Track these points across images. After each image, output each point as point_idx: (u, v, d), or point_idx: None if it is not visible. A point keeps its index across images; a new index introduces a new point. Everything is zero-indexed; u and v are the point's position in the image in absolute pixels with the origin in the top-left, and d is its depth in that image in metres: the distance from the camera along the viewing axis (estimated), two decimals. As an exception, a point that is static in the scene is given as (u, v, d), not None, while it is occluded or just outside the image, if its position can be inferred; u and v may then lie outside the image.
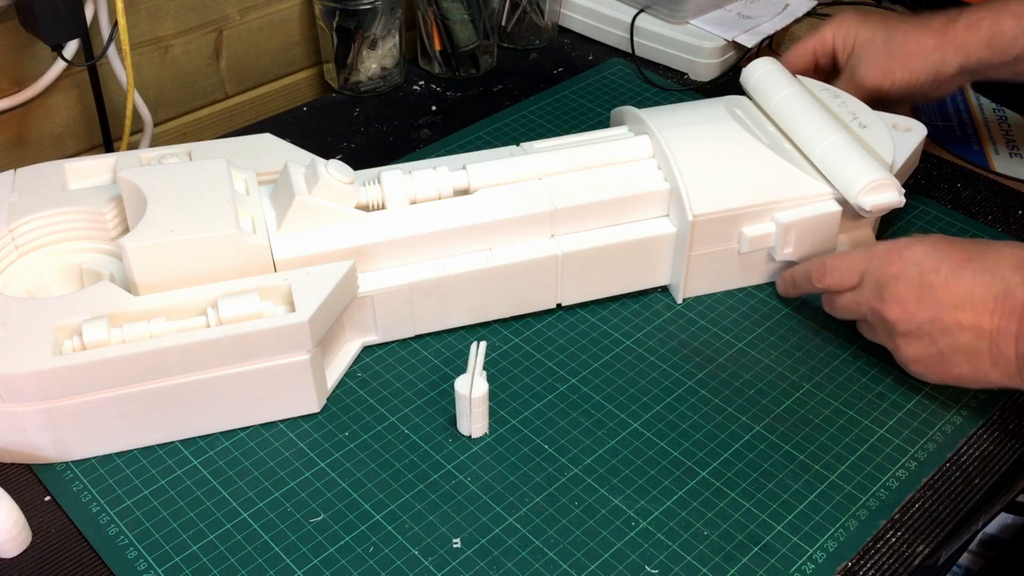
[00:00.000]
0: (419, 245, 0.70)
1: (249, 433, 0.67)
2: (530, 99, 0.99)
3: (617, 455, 0.65)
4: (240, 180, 0.71)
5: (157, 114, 0.94)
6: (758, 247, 0.74)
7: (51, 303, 0.64)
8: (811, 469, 0.64)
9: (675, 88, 1.00)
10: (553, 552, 0.60)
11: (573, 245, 0.73)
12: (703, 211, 0.72)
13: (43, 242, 0.71)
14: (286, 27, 1.01)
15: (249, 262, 0.66)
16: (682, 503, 0.62)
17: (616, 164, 0.75)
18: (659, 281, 0.77)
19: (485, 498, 0.63)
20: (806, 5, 1.08)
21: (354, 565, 0.59)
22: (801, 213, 0.73)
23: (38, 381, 0.60)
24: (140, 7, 0.89)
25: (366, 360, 0.72)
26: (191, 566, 0.59)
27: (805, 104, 0.78)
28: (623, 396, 0.69)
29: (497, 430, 0.67)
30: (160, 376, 0.62)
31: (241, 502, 0.62)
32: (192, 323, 0.64)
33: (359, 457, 0.65)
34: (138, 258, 0.64)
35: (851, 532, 0.61)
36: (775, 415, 0.68)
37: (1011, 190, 0.88)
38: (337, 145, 0.94)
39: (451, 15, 1.00)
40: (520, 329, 0.74)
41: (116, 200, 0.71)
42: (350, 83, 1.00)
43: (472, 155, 0.76)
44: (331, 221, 0.69)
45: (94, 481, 0.63)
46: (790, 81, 0.81)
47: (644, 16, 1.04)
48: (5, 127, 0.86)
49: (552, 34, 1.09)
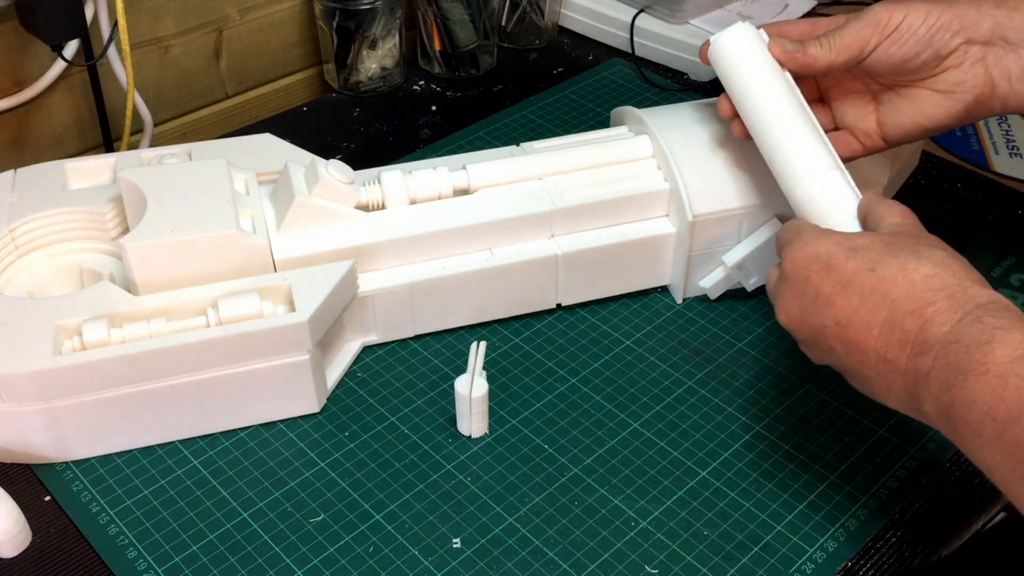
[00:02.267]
0: (419, 245, 0.70)
1: (249, 433, 0.67)
2: (530, 99, 0.99)
3: (617, 455, 0.65)
4: (240, 180, 0.71)
5: (157, 114, 0.94)
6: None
7: (51, 303, 0.64)
8: (811, 469, 0.64)
9: (675, 88, 1.00)
10: (553, 552, 0.60)
11: (573, 245, 0.73)
12: (703, 211, 0.72)
13: (43, 242, 0.71)
14: (286, 27, 1.01)
15: (249, 262, 0.66)
16: (682, 503, 0.62)
17: (616, 164, 0.75)
18: (659, 281, 0.77)
19: (485, 498, 0.63)
20: (806, 5, 1.08)
21: (354, 565, 0.59)
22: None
23: (38, 381, 0.60)
24: (140, 7, 0.89)
25: (366, 360, 0.72)
26: (191, 566, 0.59)
27: (788, 117, 0.65)
28: (623, 396, 0.69)
29: (497, 430, 0.67)
30: (160, 376, 0.62)
31: (241, 502, 0.62)
32: (192, 323, 0.64)
33: (359, 457, 0.65)
34: (138, 258, 0.64)
35: (851, 532, 0.61)
36: (775, 415, 0.68)
37: (1011, 190, 0.88)
38: (337, 145, 0.94)
39: (451, 15, 1.00)
40: (520, 329, 0.74)
41: (116, 200, 0.71)
42: (350, 83, 1.00)
43: (472, 155, 0.76)
44: (331, 221, 0.69)
45: (94, 481, 0.63)
46: (769, 73, 0.67)
47: (644, 16, 1.04)
48: (5, 127, 0.86)
49: (552, 34, 1.09)
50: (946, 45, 0.64)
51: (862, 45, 0.65)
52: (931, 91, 0.66)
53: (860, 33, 0.65)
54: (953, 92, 0.65)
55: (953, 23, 0.64)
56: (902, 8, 0.64)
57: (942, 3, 0.64)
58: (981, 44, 0.64)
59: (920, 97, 0.67)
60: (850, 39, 0.65)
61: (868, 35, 0.64)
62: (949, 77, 0.65)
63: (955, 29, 0.64)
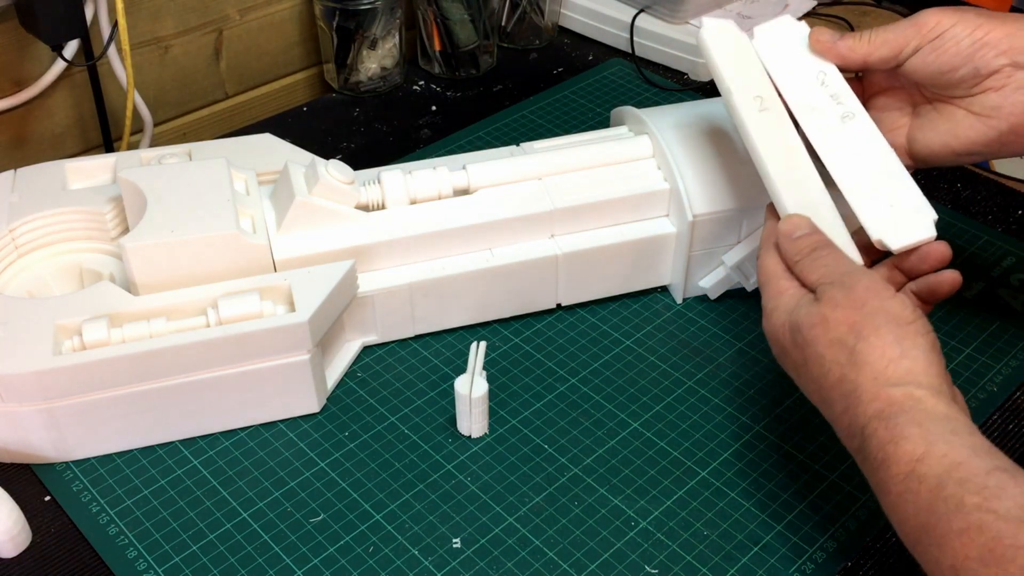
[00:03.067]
0: (419, 245, 0.70)
1: (249, 433, 0.67)
2: (530, 99, 0.99)
3: (617, 455, 0.65)
4: (240, 180, 0.71)
5: (157, 114, 0.94)
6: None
7: (51, 303, 0.64)
8: (811, 469, 0.64)
9: (675, 88, 1.00)
10: (553, 552, 0.60)
11: (573, 245, 0.73)
12: (703, 211, 0.72)
13: (43, 242, 0.71)
14: (286, 27, 1.01)
15: (249, 262, 0.66)
16: (682, 503, 0.62)
17: (616, 164, 0.75)
18: (659, 281, 0.77)
19: (485, 498, 0.63)
20: (806, 5, 1.08)
21: (354, 565, 0.59)
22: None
23: (38, 381, 0.60)
24: (140, 7, 0.89)
25: (366, 360, 0.72)
26: (191, 566, 0.59)
27: (782, 137, 0.65)
28: (623, 396, 0.69)
29: (497, 430, 0.67)
30: (160, 376, 0.62)
31: (241, 502, 0.62)
32: (192, 323, 0.64)
33: (359, 457, 0.65)
34: (138, 258, 0.64)
35: (851, 532, 0.61)
36: (775, 415, 0.68)
37: (1011, 190, 0.88)
38: (337, 145, 0.94)
39: (451, 15, 1.00)
40: (520, 329, 0.74)
41: (116, 200, 0.71)
42: (350, 83, 1.00)
43: (472, 155, 0.76)
44: (331, 221, 0.69)
45: (94, 481, 0.63)
46: (757, 78, 0.66)
47: (644, 16, 1.04)
48: (5, 127, 0.86)
49: (552, 34, 1.09)
50: (988, 64, 0.61)
51: (901, 45, 0.62)
52: (967, 111, 0.63)
53: (903, 32, 0.62)
54: (989, 116, 0.62)
55: (1002, 42, 0.60)
56: (953, 16, 0.61)
57: (997, 19, 0.61)
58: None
59: (955, 116, 0.63)
60: (891, 36, 0.62)
61: (910, 36, 0.62)
62: (987, 100, 0.62)
63: (1002, 48, 0.60)
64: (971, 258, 0.80)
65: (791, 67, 0.66)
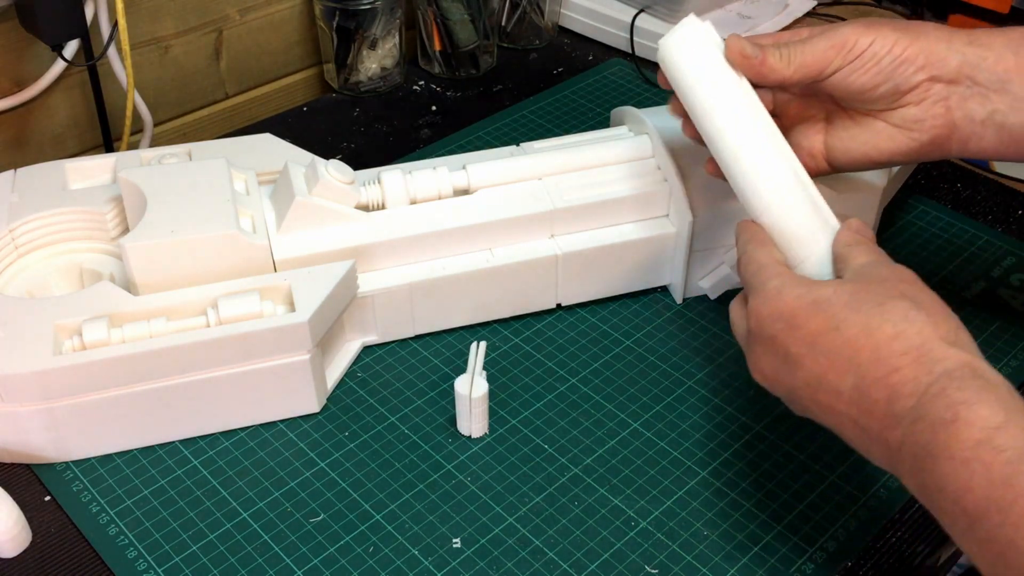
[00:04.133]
0: (419, 245, 0.70)
1: (249, 433, 0.67)
2: (530, 99, 0.99)
3: (617, 455, 0.65)
4: (240, 180, 0.71)
5: (157, 114, 0.94)
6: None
7: (51, 303, 0.64)
8: (811, 469, 0.64)
9: (675, 88, 1.00)
10: (553, 552, 0.60)
11: (573, 245, 0.73)
12: (703, 211, 0.72)
13: (43, 242, 0.71)
14: (286, 27, 1.02)
15: (249, 262, 0.66)
16: (682, 503, 0.62)
17: (616, 164, 0.75)
18: (659, 281, 0.77)
19: (485, 498, 0.63)
20: (806, 5, 1.08)
21: (354, 565, 0.59)
22: None
23: (38, 381, 0.60)
24: (140, 7, 0.89)
25: (366, 360, 0.72)
26: (191, 566, 0.59)
27: (745, 132, 0.61)
28: (623, 396, 0.69)
29: (497, 430, 0.67)
30: (160, 376, 0.62)
31: (241, 502, 0.62)
32: (192, 323, 0.64)
33: (359, 457, 0.65)
34: (138, 258, 0.64)
35: (851, 532, 0.61)
36: (775, 415, 0.68)
37: (1011, 190, 0.88)
38: (337, 145, 0.94)
39: (451, 15, 1.00)
40: (520, 329, 0.74)
41: (116, 200, 0.71)
42: (350, 83, 1.00)
43: (472, 155, 0.76)
44: (331, 221, 0.69)
45: (94, 481, 0.63)
46: (725, 78, 0.62)
47: (644, 16, 1.04)
48: (5, 127, 0.86)
49: (552, 34, 1.09)
50: (907, 80, 0.60)
51: (822, 67, 0.61)
52: (887, 124, 0.62)
53: (823, 54, 0.61)
54: (910, 129, 0.62)
55: (919, 58, 0.60)
56: (871, 33, 0.60)
57: (912, 33, 0.61)
58: (946, 83, 0.60)
59: (875, 128, 0.63)
60: (811, 58, 0.61)
61: (831, 57, 0.60)
62: (907, 113, 0.61)
63: (920, 64, 0.60)
64: (971, 258, 0.80)
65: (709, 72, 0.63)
